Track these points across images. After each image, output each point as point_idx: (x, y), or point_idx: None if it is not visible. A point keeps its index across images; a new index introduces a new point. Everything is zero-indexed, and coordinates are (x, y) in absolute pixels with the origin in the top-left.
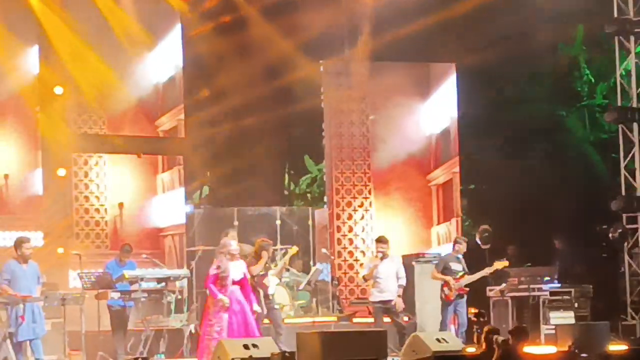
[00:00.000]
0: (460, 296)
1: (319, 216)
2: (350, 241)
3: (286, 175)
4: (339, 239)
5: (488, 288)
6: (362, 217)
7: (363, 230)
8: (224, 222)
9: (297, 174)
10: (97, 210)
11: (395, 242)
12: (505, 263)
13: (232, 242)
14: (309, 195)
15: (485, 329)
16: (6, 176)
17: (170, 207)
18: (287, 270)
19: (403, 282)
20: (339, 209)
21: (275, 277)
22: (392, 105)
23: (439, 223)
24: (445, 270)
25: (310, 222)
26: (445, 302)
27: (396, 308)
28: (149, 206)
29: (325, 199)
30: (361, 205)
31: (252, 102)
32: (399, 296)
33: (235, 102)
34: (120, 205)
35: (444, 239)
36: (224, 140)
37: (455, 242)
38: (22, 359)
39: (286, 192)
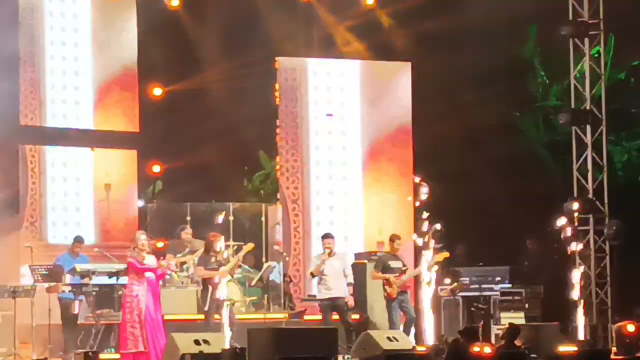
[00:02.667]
0: (403, 293)
1: (272, 213)
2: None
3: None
4: (294, 234)
5: (439, 287)
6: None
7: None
8: (177, 217)
9: (250, 170)
10: None
11: None
12: (445, 254)
13: (142, 236)
14: (262, 191)
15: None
16: None
17: None
18: (240, 266)
19: (350, 279)
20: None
21: (228, 273)
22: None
23: None
24: (385, 269)
25: (263, 219)
26: (390, 300)
27: (347, 306)
28: None
29: (278, 195)
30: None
31: (206, 97)
32: (350, 295)
33: (189, 97)
34: None
35: None
36: (179, 135)
37: (392, 240)
38: None
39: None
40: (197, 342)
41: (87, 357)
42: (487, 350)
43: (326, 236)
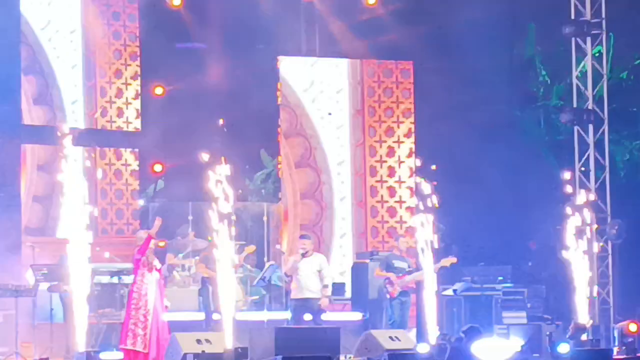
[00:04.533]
0: (405, 293)
1: (275, 212)
2: None
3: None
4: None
5: (441, 287)
6: None
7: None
8: (178, 216)
9: (252, 169)
10: None
11: None
12: (453, 260)
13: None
14: (263, 191)
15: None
16: None
17: None
18: (242, 266)
19: (327, 281)
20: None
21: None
22: None
23: None
24: (389, 268)
25: (265, 218)
26: (390, 299)
27: (319, 307)
28: None
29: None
30: None
31: (208, 97)
32: (326, 297)
33: (190, 96)
34: None
35: None
36: (180, 134)
37: (397, 240)
38: None
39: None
40: (199, 341)
41: (89, 356)
42: None
43: (302, 237)
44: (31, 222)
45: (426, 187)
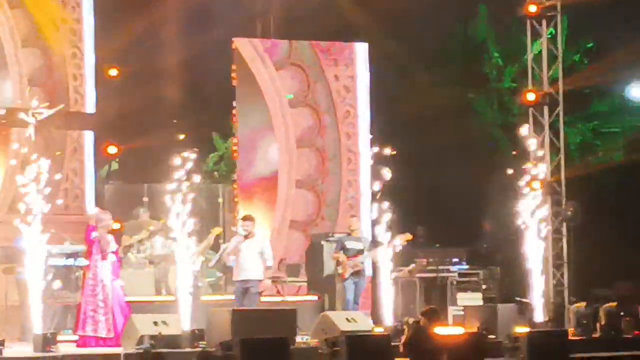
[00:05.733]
0: (357, 274)
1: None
2: None
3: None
4: None
5: (396, 269)
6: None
7: None
8: (134, 198)
9: (203, 151)
10: None
11: None
12: (408, 236)
13: (107, 215)
14: (216, 173)
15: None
16: None
17: None
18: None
19: (270, 263)
20: None
21: (200, 254)
22: None
23: None
24: (342, 249)
25: (220, 200)
26: (342, 280)
27: (259, 289)
28: None
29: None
30: None
31: (162, 79)
32: (269, 278)
33: (144, 79)
34: None
35: None
36: (134, 116)
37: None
38: None
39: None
40: (155, 323)
41: (45, 338)
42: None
43: (245, 218)
44: None
45: (383, 172)
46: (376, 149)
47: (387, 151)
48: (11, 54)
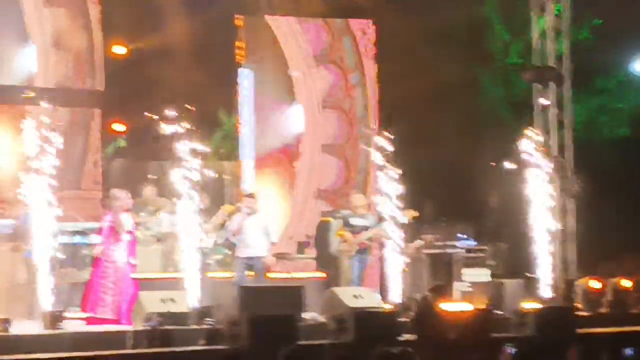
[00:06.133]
0: (364, 250)
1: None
2: None
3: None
4: None
5: (403, 245)
6: None
7: None
8: (140, 175)
9: (209, 129)
10: None
11: None
12: (414, 213)
13: (123, 194)
14: (222, 149)
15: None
16: None
17: None
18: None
19: (273, 239)
20: None
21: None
22: None
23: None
24: (347, 226)
25: (226, 177)
26: (347, 257)
27: (265, 265)
28: None
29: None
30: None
31: (168, 55)
32: (275, 255)
33: (151, 56)
34: None
35: None
36: (141, 94)
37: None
38: None
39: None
40: (163, 300)
41: (53, 316)
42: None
43: (248, 195)
44: None
45: (386, 144)
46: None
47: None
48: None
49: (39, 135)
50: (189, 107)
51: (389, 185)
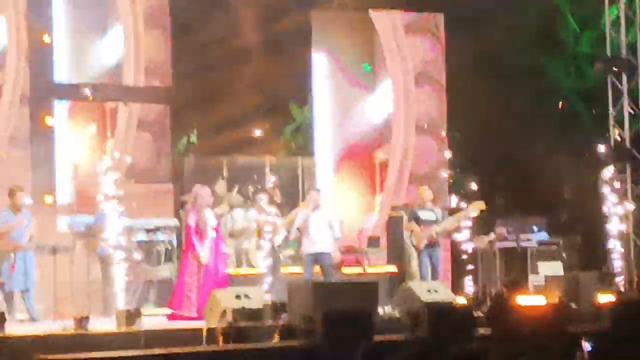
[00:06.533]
0: (433, 245)
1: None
2: None
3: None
4: None
5: (475, 239)
6: None
7: None
8: (213, 172)
9: (281, 122)
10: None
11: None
12: (481, 204)
13: (205, 191)
14: (293, 144)
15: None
16: None
17: None
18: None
19: (338, 235)
20: None
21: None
22: None
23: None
24: (415, 220)
25: (299, 173)
26: (417, 252)
27: (332, 261)
28: None
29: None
30: None
31: (239, 52)
32: (340, 251)
33: (222, 52)
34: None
35: None
36: (212, 89)
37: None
38: (12, 308)
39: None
40: (237, 296)
41: (129, 313)
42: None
43: (314, 190)
44: None
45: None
46: None
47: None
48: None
49: (117, 132)
50: None
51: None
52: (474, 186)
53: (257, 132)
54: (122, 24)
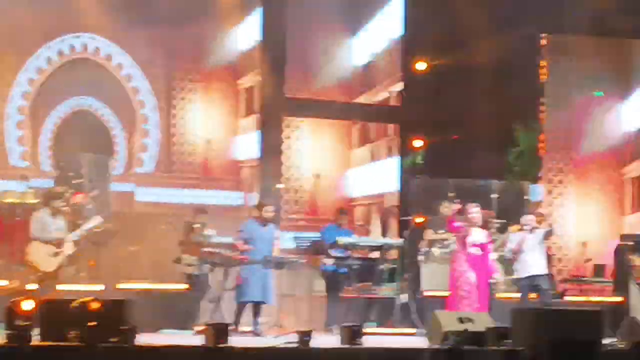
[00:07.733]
0: None
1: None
2: None
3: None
4: None
5: None
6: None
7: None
8: (439, 192)
9: (506, 146)
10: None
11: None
12: None
13: (474, 208)
14: (516, 168)
15: None
16: (209, 142)
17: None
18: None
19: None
20: None
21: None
22: None
23: (632, 212)
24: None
25: (527, 198)
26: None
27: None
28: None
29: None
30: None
31: (470, 71)
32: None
33: (452, 76)
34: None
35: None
36: (441, 111)
37: None
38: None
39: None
40: (460, 320)
41: (352, 331)
42: None
43: (530, 213)
44: None
45: None
46: None
47: None
48: None
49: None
50: None
51: None
52: None
53: (481, 154)
54: None
